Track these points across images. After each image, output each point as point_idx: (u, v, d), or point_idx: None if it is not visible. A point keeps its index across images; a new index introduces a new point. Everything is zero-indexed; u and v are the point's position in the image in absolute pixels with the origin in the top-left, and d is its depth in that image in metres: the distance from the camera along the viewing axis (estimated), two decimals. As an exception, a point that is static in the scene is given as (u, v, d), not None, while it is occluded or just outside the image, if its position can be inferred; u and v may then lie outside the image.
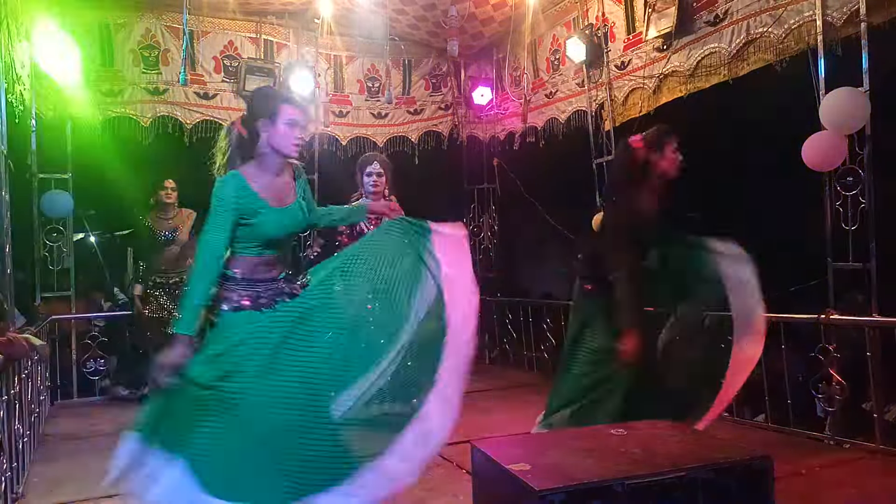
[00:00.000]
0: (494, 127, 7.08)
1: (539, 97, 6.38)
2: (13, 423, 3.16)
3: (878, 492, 3.21)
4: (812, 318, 4.04)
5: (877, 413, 3.78)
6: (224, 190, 2.41)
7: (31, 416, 3.86)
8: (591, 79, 5.67)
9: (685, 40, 4.74)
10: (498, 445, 2.32)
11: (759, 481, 2.03)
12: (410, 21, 6.21)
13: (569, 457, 2.10)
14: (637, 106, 5.25)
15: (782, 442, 4.00)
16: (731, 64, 4.44)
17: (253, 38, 6.05)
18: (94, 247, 8.39)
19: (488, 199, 7.30)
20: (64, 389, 5.38)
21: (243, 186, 2.43)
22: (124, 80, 5.62)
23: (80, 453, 3.95)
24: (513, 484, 1.95)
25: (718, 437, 2.30)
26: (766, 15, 4.19)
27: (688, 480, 1.95)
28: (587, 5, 5.62)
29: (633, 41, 5.24)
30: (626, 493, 1.88)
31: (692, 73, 4.74)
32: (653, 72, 5.04)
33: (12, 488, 3.09)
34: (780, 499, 2.04)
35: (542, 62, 6.32)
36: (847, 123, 3.70)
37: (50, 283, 5.36)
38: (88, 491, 3.31)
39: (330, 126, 6.45)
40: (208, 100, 5.92)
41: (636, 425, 2.47)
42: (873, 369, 3.74)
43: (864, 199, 3.76)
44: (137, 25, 5.66)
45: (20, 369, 3.38)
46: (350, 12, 6.01)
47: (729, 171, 7.18)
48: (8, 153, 4.28)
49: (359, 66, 6.59)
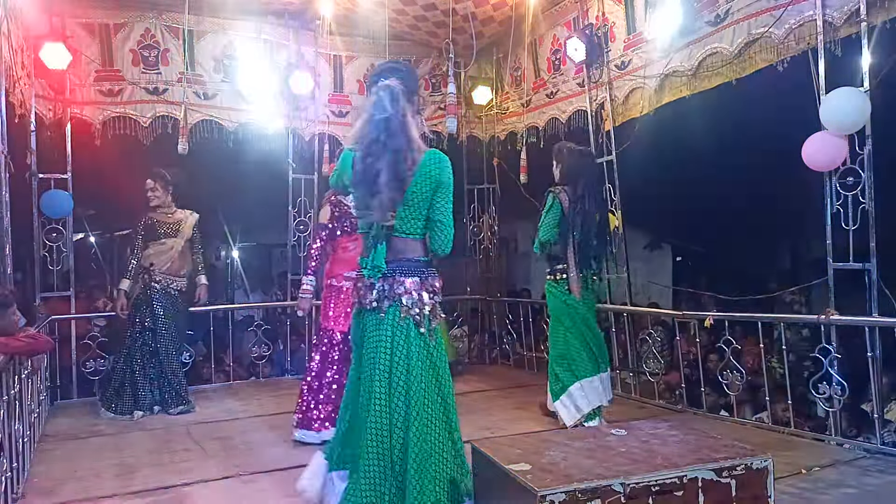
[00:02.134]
0: (494, 127, 7.07)
1: (540, 97, 6.38)
2: (13, 423, 3.16)
3: (878, 492, 3.20)
4: (812, 318, 4.03)
5: (877, 413, 3.78)
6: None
7: (31, 416, 3.86)
8: (592, 79, 5.67)
9: (686, 40, 4.74)
10: (498, 445, 2.32)
11: (759, 481, 2.03)
12: (410, 21, 6.21)
13: (569, 457, 2.10)
14: (638, 106, 5.24)
15: (782, 442, 4.00)
16: (732, 64, 4.44)
17: (253, 38, 6.05)
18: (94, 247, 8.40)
19: (488, 199, 7.29)
20: (64, 389, 5.38)
21: None
22: (124, 80, 5.62)
23: (80, 453, 3.95)
24: (513, 484, 1.95)
25: (718, 437, 2.30)
26: (766, 15, 4.18)
27: (688, 480, 1.95)
28: (587, 5, 5.62)
29: (634, 41, 5.24)
30: (626, 493, 1.88)
31: (694, 74, 4.73)
32: (653, 72, 5.03)
33: (12, 488, 3.08)
34: (779, 499, 2.04)
35: (542, 62, 6.32)
36: (847, 123, 3.69)
37: (50, 283, 5.36)
38: (88, 491, 3.32)
39: (330, 126, 6.45)
40: (208, 100, 5.92)
41: (636, 425, 2.47)
42: (873, 369, 3.74)
43: (864, 199, 3.76)
44: (137, 25, 5.65)
45: (20, 369, 3.38)
46: (350, 12, 6.01)
47: (729, 170, 7.19)
48: (8, 153, 4.28)
49: (359, 66, 6.59)
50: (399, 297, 2.42)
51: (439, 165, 2.42)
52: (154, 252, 5.00)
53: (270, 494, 3.26)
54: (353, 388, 2.56)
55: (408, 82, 2.48)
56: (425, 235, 2.50)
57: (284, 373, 6.45)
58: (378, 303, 2.44)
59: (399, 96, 2.38)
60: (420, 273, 2.47)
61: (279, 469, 3.60)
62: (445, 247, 2.45)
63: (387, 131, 2.33)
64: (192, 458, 3.88)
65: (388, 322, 2.42)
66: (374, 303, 2.44)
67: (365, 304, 2.47)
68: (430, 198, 2.42)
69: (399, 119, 2.35)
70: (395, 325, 2.41)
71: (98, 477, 3.52)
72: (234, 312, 6.90)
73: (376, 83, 2.45)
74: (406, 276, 2.44)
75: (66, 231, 5.38)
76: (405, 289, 2.42)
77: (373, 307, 2.45)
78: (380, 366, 2.40)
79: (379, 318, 2.44)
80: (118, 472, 3.60)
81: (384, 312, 2.43)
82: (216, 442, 4.18)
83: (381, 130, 2.33)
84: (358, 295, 2.51)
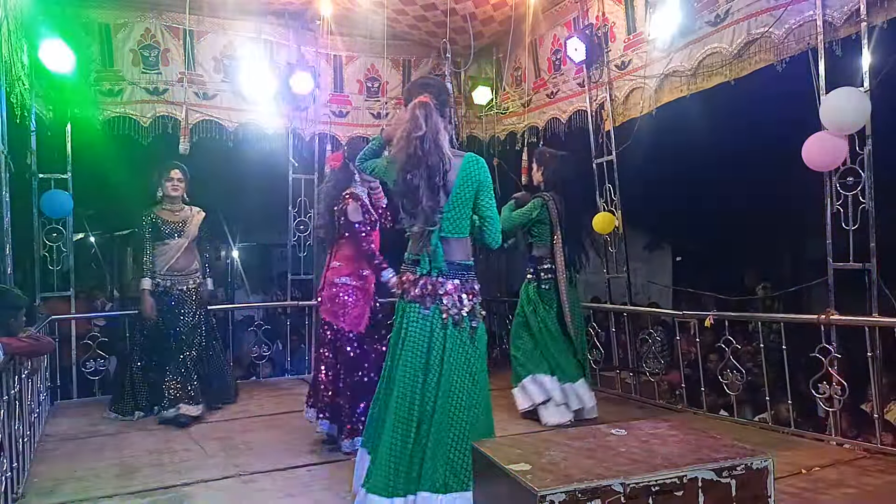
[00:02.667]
0: (494, 127, 7.07)
1: (540, 97, 6.38)
2: (13, 423, 3.16)
3: (878, 492, 3.20)
4: (812, 318, 4.04)
5: (877, 413, 3.78)
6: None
7: (31, 416, 3.86)
8: (592, 79, 5.67)
9: (686, 40, 4.74)
10: (498, 445, 2.32)
11: (759, 481, 2.03)
12: (410, 21, 6.21)
13: (569, 457, 2.10)
14: (638, 106, 5.24)
15: (782, 442, 4.00)
16: (732, 64, 4.44)
17: (253, 38, 6.06)
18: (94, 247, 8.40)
19: (488, 199, 7.29)
20: (64, 389, 5.37)
21: None
22: (124, 80, 5.62)
23: (80, 453, 3.95)
24: (513, 484, 1.95)
25: (718, 437, 2.30)
26: (766, 15, 4.18)
27: (688, 480, 1.95)
28: (587, 5, 5.62)
29: (634, 41, 5.24)
30: (626, 493, 1.88)
31: (694, 74, 4.73)
32: (653, 72, 5.03)
33: (12, 488, 3.09)
34: (780, 499, 2.04)
35: (543, 62, 6.32)
36: (847, 123, 3.69)
37: (50, 283, 5.35)
38: (88, 491, 3.32)
39: (330, 126, 6.45)
40: (208, 100, 5.92)
41: (636, 425, 2.47)
42: (873, 369, 3.74)
43: (864, 199, 3.76)
44: (137, 25, 5.65)
45: (20, 369, 3.38)
46: (350, 12, 6.01)
47: (729, 170, 7.20)
48: (8, 153, 4.27)
49: (359, 66, 6.59)
50: (440, 297, 2.68)
51: (478, 167, 2.70)
52: (157, 252, 4.84)
53: (270, 494, 3.26)
54: (388, 375, 2.78)
55: (440, 96, 2.75)
56: (470, 234, 2.77)
57: (284, 373, 6.45)
58: (422, 299, 2.68)
59: (432, 112, 2.64)
60: (461, 276, 2.73)
61: (279, 469, 3.60)
62: (496, 240, 2.78)
63: (422, 148, 2.58)
64: (192, 458, 3.87)
65: (430, 318, 2.67)
66: (419, 299, 2.69)
67: (410, 297, 2.71)
68: (472, 198, 2.70)
69: (433, 136, 2.60)
70: (436, 321, 2.67)
71: (98, 477, 3.52)
72: (234, 312, 6.90)
73: (410, 100, 2.72)
74: (448, 278, 2.69)
75: (66, 231, 5.37)
76: (446, 290, 2.68)
77: (417, 302, 2.69)
78: (418, 358, 2.65)
79: (423, 313, 2.68)
80: (118, 472, 3.60)
81: (427, 309, 2.67)
82: (216, 442, 4.18)
83: (417, 147, 2.59)
84: (402, 288, 2.76)
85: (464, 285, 2.72)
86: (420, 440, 2.59)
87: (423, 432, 2.60)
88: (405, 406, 2.62)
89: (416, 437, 2.60)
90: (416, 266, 2.72)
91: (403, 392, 2.63)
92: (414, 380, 2.63)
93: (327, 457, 3.81)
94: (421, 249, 2.69)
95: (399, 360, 2.69)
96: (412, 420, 2.61)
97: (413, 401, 2.62)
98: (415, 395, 2.62)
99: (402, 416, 2.62)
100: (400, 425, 2.61)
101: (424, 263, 2.68)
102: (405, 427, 2.61)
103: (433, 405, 2.60)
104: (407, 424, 2.61)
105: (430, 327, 2.67)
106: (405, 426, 2.61)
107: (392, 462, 2.58)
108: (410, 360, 2.65)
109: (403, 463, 2.58)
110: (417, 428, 2.60)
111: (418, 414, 2.61)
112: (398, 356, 2.71)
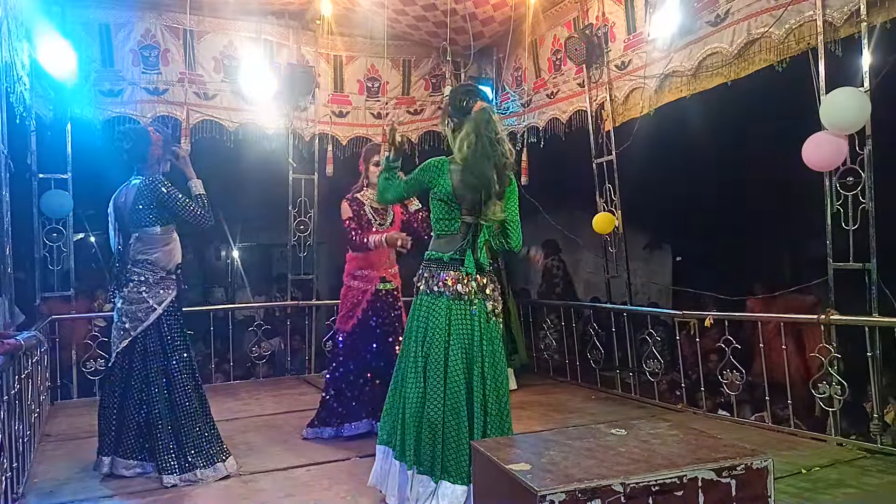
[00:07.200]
0: (494, 127, 7.06)
1: (540, 97, 6.37)
2: (13, 423, 3.16)
3: (878, 492, 3.20)
4: (812, 318, 4.03)
5: (877, 413, 3.78)
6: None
7: (31, 416, 3.86)
8: (592, 79, 5.67)
9: (686, 40, 4.74)
10: (498, 445, 2.32)
11: (759, 481, 2.03)
12: (410, 21, 6.21)
13: (569, 457, 2.10)
14: (638, 106, 5.24)
15: (782, 442, 4.00)
16: (732, 64, 4.44)
17: (253, 38, 6.06)
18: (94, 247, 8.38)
19: (488, 200, 7.29)
20: (64, 389, 5.37)
21: None
22: (124, 80, 5.63)
23: (80, 453, 3.94)
24: (513, 484, 1.95)
25: (718, 437, 2.30)
26: (766, 15, 4.18)
27: (688, 480, 1.95)
28: (587, 5, 5.62)
29: (634, 41, 5.24)
30: (626, 493, 1.88)
31: (694, 74, 4.73)
32: (653, 72, 5.03)
33: (12, 488, 3.08)
34: (780, 499, 2.04)
35: (543, 62, 6.32)
36: (847, 123, 3.69)
37: (50, 283, 5.36)
38: (88, 491, 3.31)
39: (330, 126, 6.45)
40: (208, 100, 5.92)
41: (636, 425, 2.47)
42: (873, 369, 3.74)
43: (864, 199, 3.76)
44: (137, 25, 5.66)
45: (20, 369, 3.38)
46: (350, 12, 6.01)
47: (729, 170, 7.19)
48: (8, 153, 4.27)
49: (359, 66, 6.59)
50: (486, 294, 2.89)
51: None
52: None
53: (270, 494, 3.26)
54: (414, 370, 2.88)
55: (489, 101, 3.02)
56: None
57: (284, 372, 6.45)
58: (468, 296, 2.84)
59: (492, 115, 2.87)
60: (491, 274, 2.96)
61: (279, 469, 3.60)
62: (520, 242, 2.97)
63: (492, 146, 2.80)
64: (192, 458, 3.86)
65: (477, 316, 2.86)
66: (466, 296, 2.84)
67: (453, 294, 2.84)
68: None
69: (503, 137, 2.89)
70: (482, 317, 2.87)
71: (98, 477, 3.52)
72: (234, 312, 6.90)
73: (465, 103, 2.92)
74: (487, 275, 2.92)
75: (66, 231, 5.37)
76: (492, 286, 2.92)
77: (463, 299, 2.84)
78: (464, 349, 2.82)
79: (471, 311, 2.85)
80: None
81: (474, 305, 2.85)
82: (216, 442, 4.17)
83: (486, 146, 2.79)
84: (444, 285, 2.86)
85: (495, 283, 2.96)
86: (476, 428, 2.77)
87: (477, 420, 2.78)
88: (461, 400, 2.78)
89: (473, 425, 2.78)
90: (458, 265, 2.85)
91: (457, 388, 2.78)
92: (469, 374, 2.81)
93: (327, 457, 3.81)
94: (463, 250, 2.85)
95: (447, 357, 2.81)
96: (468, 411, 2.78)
97: (467, 392, 2.80)
98: (470, 389, 2.80)
99: (458, 407, 2.77)
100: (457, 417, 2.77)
101: (470, 263, 2.84)
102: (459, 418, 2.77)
103: (483, 396, 2.81)
104: (460, 415, 2.77)
105: (477, 323, 2.85)
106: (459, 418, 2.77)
107: (463, 449, 2.73)
108: (461, 357, 2.80)
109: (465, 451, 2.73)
110: (475, 417, 2.78)
111: (479, 404, 2.79)
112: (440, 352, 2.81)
